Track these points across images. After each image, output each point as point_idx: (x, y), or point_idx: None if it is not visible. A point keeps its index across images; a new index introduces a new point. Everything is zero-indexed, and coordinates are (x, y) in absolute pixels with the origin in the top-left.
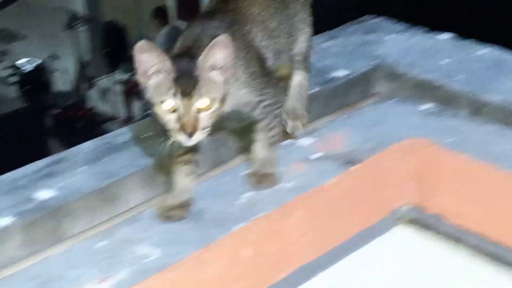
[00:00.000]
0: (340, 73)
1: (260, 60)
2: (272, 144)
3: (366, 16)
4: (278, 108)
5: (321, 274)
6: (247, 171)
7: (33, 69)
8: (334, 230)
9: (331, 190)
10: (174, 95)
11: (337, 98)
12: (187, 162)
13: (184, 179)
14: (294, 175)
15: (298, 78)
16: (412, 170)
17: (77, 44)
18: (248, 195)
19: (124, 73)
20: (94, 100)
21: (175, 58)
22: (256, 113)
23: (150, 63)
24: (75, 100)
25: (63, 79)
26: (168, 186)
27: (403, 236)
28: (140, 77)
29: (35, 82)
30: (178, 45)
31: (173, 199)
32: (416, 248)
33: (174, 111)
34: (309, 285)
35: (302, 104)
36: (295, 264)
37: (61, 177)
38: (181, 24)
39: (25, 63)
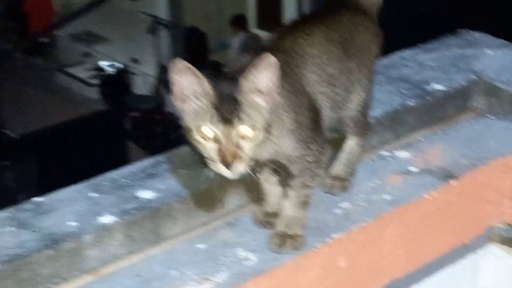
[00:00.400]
0: (437, 86)
1: (312, 110)
2: (304, 204)
3: (461, 29)
4: (318, 168)
5: None
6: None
7: (114, 72)
8: (428, 245)
9: (427, 205)
10: (214, 121)
11: (433, 111)
12: (269, 174)
13: (270, 188)
14: (391, 188)
15: (350, 143)
16: (510, 188)
17: (158, 49)
18: (345, 205)
19: None
20: (173, 105)
21: (216, 81)
22: (294, 168)
23: (189, 85)
24: (154, 105)
25: (142, 83)
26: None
27: (496, 255)
28: (176, 100)
29: (116, 84)
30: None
31: (268, 207)
32: (509, 267)
33: (213, 139)
34: None
35: (349, 170)
36: (387, 277)
37: (161, 178)
38: (260, 33)
39: (107, 66)
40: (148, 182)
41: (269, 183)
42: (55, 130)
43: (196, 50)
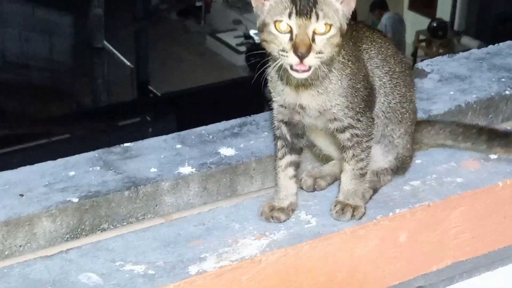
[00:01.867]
0: None
1: (368, 85)
2: (361, 176)
3: None
4: (368, 140)
5: (475, 277)
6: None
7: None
8: (495, 234)
9: (501, 193)
10: (290, 15)
11: None
12: (289, 165)
13: (287, 182)
14: (465, 172)
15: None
16: None
17: None
18: (415, 183)
19: None
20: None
21: None
22: (344, 138)
23: None
24: None
25: None
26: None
27: None
28: (255, 1)
29: (262, 53)
30: None
31: (278, 202)
32: None
33: (288, 32)
34: (460, 285)
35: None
36: (450, 259)
37: (244, 138)
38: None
39: (255, 34)
40: (231, 140)
41: (287, 176)
42: (198, 91)
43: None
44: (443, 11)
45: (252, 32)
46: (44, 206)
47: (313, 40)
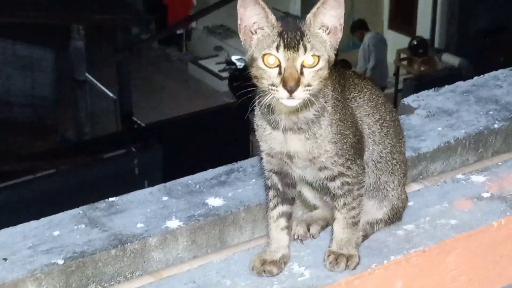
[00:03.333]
0: None
1: (357, 132)
2: (353, 224)
3: None
4: (359, 188)
5: None
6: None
7: (244, 66)
8: (493, 274)
9: (496, 233)
10: (278, 48)
11: None
12: (281, 215)
13: (279, 234)
14: (459, 213)
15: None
16: None
17: None
18: (409, 227)
19: None
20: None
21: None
22: (334, 187)
23: (254, 17)
24: None
25: None
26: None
27: None
28: (242, 34)
29: (245, 78)
30: None
31: (269, 254)
32: None
33: (276, 66)
34: None
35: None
36: None
37: (232, 186)
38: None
39: (237, 60)
40: (218, 189)
41: (278, 227)
42: (183, 120)
43: None
44: (422, 29)
45: (234, 58)
46: (28, 270)
47: (302, 73)
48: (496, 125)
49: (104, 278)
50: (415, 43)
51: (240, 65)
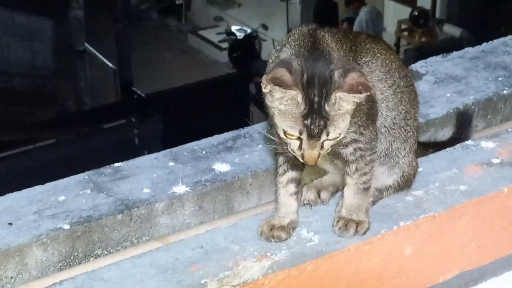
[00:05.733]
0: None
1: (369, 98)
2: (364, 190)
3: None
4: (371, 154)
5: (482, 283)
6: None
7: (243, 37)
8: (502, 240)
9: (506, 199)
10: (301, 133)
11: None
12: (290, 181)
13: (288, 199)
14: (468, 179)
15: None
16: None
17: (289, 16)
18: (418, 193)
19: None
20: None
21: (307, 87)
22: (346, 153)
23: (281, 93)
24: None
25: (271, 49)
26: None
27: None
28: (266, 96)
29: (244, 49)
30: (306, 71)
31: (277, 220)
32: None
33: (297, 139)
34: None
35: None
36: (457, 269)
37: (238, 152)
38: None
39: (237, 31)
40: (225, 155)
41: (287, 193)
42: (182, 90)
43: (325, 20)
44: None
45: (234, 28)
46: (34, 235)
47: (322, 146)
48: (505, 91)
49: (110, 244)
50: (416, 13)
51: (240, 35)
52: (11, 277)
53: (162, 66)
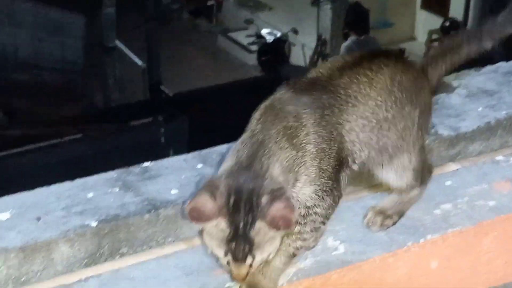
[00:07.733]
0: None
1: (338, 160)
2: (290, 257)
3: None
4: (323, 222)
5: None
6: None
7: (273, 40)
8: None
9: None
10: (226, 254)
11: None
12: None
13: None
14: (497, 195)
15: (414, 192)
16: None
17: (319, 22)
18: (446, 206)
19: None
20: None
21: (232, 210)
22: (298, 215)
23: (206, 220)
24: None
25: (300, 53)
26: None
27: None
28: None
29: (274, 53)
30: (239, 158)
31: None
32: None
33: (226, 262)
34: None
35: (396, 211)
36: (483, 286)
37: None
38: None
39: (267, 34)
40: None
41: None
42: (209, 91)
43: (357, 26)
44: (456, 10)
45: (263, 31)
46: (61, 231)
47: (251, 265)
48: None
49: (136, 243)
50: (447, 24)
51: (270, 39)
52: (37, 271)
53: (190, 67)
